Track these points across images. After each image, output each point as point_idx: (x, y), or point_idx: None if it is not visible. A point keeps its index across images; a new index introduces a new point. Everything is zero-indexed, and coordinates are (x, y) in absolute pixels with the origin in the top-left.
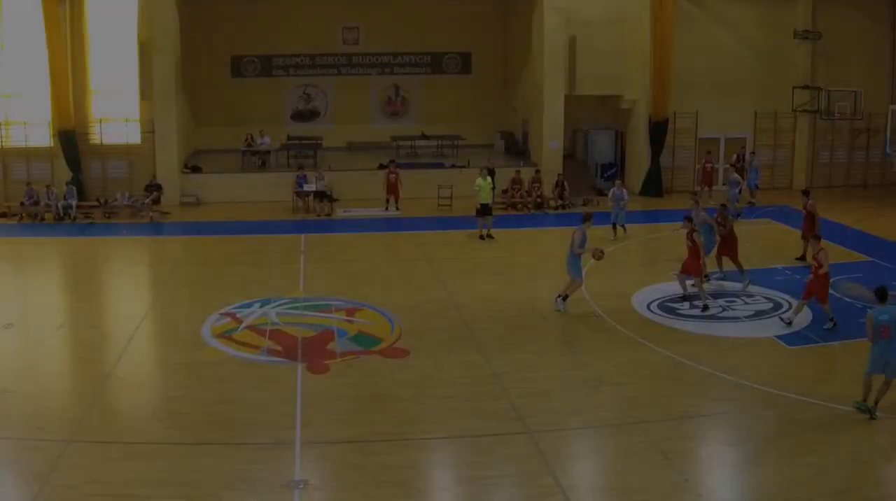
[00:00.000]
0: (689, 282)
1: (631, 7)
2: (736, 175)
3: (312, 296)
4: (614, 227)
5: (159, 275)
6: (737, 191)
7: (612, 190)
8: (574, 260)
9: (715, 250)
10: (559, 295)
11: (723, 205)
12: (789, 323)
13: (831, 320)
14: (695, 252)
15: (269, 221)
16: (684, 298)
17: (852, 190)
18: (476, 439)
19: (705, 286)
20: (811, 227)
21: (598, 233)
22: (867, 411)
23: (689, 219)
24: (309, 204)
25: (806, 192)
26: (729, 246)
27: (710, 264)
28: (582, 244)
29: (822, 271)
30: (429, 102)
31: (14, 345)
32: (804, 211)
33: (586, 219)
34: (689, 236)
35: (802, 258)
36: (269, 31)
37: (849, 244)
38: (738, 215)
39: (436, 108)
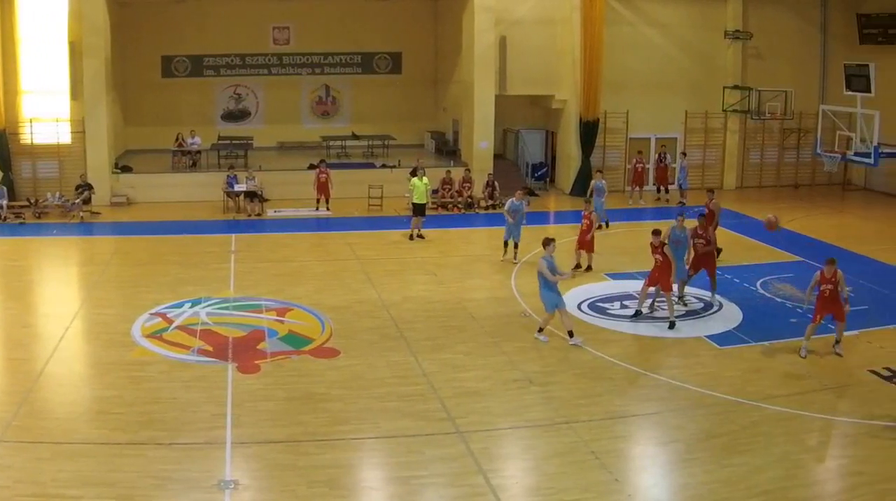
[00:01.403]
0: (648, 300)
1: (561, 7)
2: (686, 162)
3: (243, 296)
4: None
5: (90, 275)
6: (685, 176)
7: (594, 182)
8: (547, 292)
9: (690, 269)
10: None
11: (701, 215)
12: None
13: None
14: (666, 266)
15: (200, 221)
16: (637, 313)
17: (783, 190)
18: (406, 439)
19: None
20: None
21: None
22: None
23: (657, 232)
24: (239, 204)
25: (711, 191)
26: (709, 259)
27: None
28: (553, 271)
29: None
30: (359, 102)
31: None
32: (707, 208)
33: (545, 244)
34: (659, 250)
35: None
36: (199, 31)
37: (780, 244)
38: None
39: (366, 108)
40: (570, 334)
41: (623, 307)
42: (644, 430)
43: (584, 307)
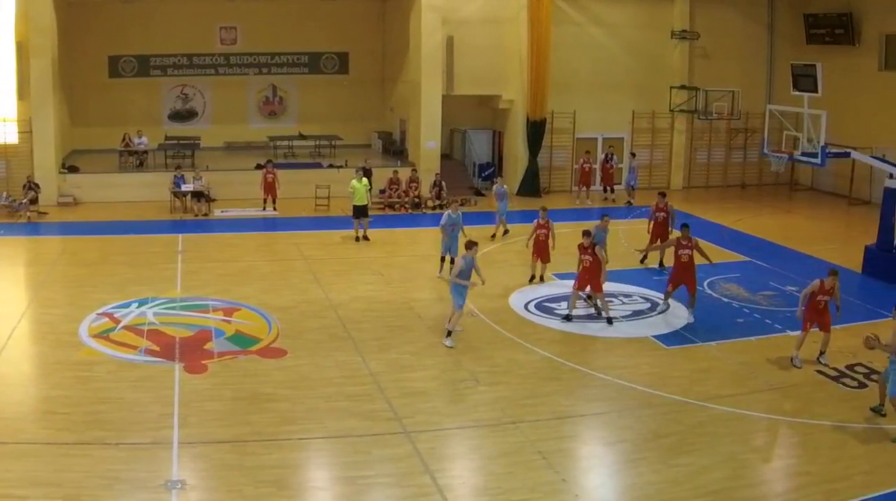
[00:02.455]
0: (580, 302)
1: (508, 7)
2: (636, 162)
3: (190, 296)
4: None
5: (37, 275)
6: (635, 177)
7: (495, 187)
8: (456, 289)
9: (669, 284)
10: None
11: (685, 226)
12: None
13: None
14: (595, 267)
15: (147, 221)
16: (567, 318)
17: (730, 190)
18: (353, 439)
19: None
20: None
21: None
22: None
23: (587, 233)
24: (186, 204)
25: (663, 194)
26: (690, 273)
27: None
28: (461, 275)
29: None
30: (306, 102)
31: None
32: (665, 212)
33: (469, 247)
34: (589, 251)
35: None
36: (146, 32)
37: (727, 244)
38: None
39: (313, 108)
40: (448, 333)
41: (567, 320)
42: (591, 430)
43: (532, 307)
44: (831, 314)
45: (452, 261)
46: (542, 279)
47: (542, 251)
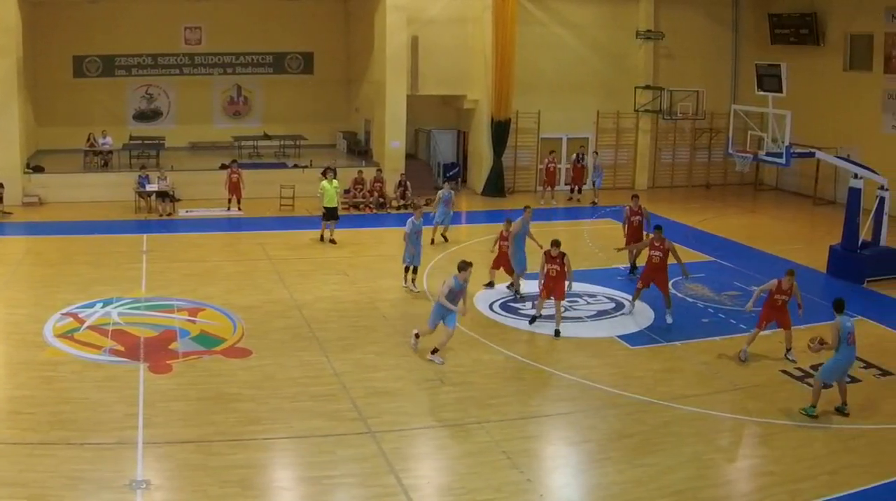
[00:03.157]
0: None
1: (473, 7)
2: (599, 161)
3: (155, 296)
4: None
5: (1, 276)
6: (601, 177)
7: (440, 193)
8: (439, 309)
9: (640, 282)
10: (432, 350)
11: (658, 228)
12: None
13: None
14: (562, 276)
15: (112, 221)
16: (532, 320)
17: (695, 190)
18: (318, 439)
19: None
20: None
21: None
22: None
23: (557, 243)
24: (151, 204)
25: (636, 196)
26: (661, 274)
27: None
28: (449, 297)
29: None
30: (271, 102)
31: None
32: (638, 216)
33: (462, 268)
34: (558, 260)
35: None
36: (111, 31)
37: (692, 244)
38: None
39: (278, 108)
40: (434, 351)
41: (534, 307)
42: (556, 430)
43: (496, 307)
44: (793, 313)
45: (416, 271)
46: (492, 285)
47: (504, 262)
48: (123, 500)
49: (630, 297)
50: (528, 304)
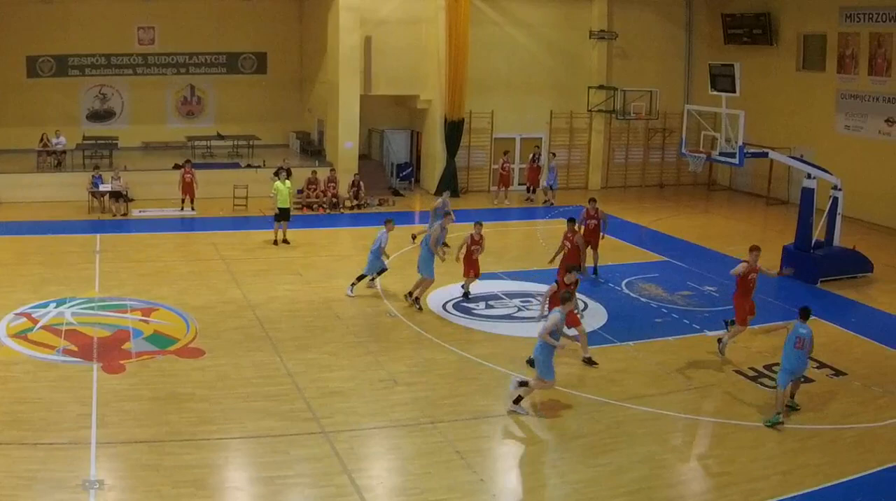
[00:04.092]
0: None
1: (426, 7)
2: (555, 162)
3: (108, 296)
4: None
5: None
6: (555, 177)
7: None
8: (545, 349)
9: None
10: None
11: (591, 199)
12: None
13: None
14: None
15: (65, 221)
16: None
17: (648, 189)
18: (271, 439)
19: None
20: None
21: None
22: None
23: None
24: (105, 204)
25: (593, 199)
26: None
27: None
28: (554, 334)
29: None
30: (224, 102)
31: None
32: (596, 219)
33: (567, 299)
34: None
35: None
36: (64, 31)
37: (645, 244)
38: None
39: (231, 109)
40: (518, 400)
41: (488, 307)
42: (510, 430)
43: (450, 307)
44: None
45: (373, 280)
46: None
47: (475, 266)
48: (77, 500)
49: (584, 299)
50: (482, 304)
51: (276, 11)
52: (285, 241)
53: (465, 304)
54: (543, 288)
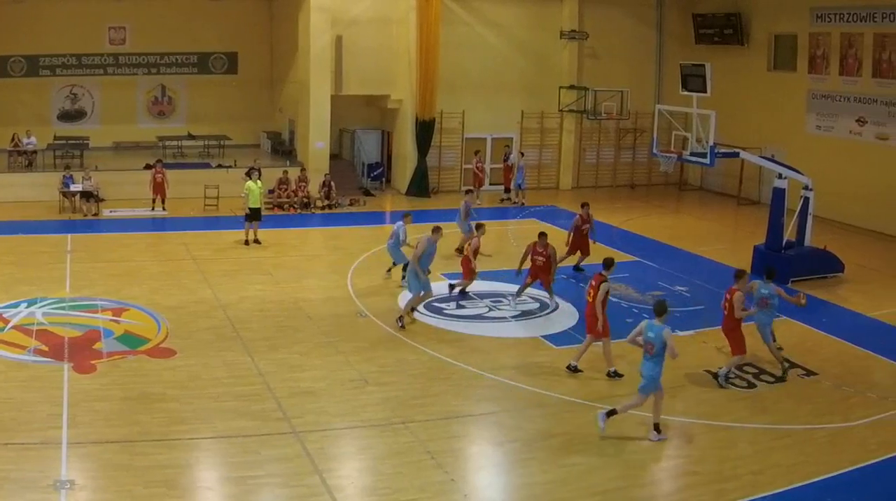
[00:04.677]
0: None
1: (397, 7)
2: (522, 162)
3: (79, 296)
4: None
5: None
6: (523, 176)
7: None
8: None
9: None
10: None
11: (542, 234)
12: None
13: None
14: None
15: (36, 221)
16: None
17: (619, 190)
18: (242, 439)
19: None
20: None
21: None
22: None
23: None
24: (76, 204)
25: (585, 204)
26: (545, 274)
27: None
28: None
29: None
30: (195, 102)
31: None
32: (588, 224)
33: (660, 312)
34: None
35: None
36: (35, 31)
37: (616, 244)
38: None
39: (202, 109)
40: (657, 428)
41: (459, 307)
42: (481, 430)
43: (421, 307)
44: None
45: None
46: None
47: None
48: (48, 500)
49: (557, 297)
50: (453, 304)
51: (247, 11)
52: (256, 241)
53: (436, 304)
54: (516, 288)
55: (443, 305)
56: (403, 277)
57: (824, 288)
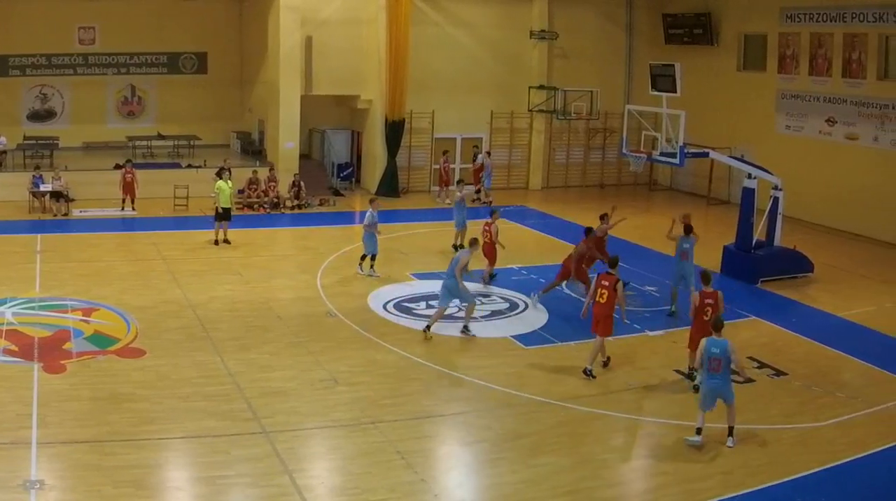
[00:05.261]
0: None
1: (367, 7)
2: (489, 161)
3: (49, 296)
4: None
5: None
6: (488, 174)
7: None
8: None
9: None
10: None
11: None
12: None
13: None
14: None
15: (5, 221)
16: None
17: (589, 190)
18: (212, 439)
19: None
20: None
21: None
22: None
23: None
24: (45, 204)
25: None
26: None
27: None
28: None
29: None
30: (165, 102)
31: None
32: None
33: (717, 328)
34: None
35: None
36: (4, 31)
37: None
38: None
39: (172, 109)
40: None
41: (429, 307)
42: (450, 430)
43: (390, 307)
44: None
45: (374, 258)
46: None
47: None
48: (17, 500)
49: (525, 299)
50: (423, 304)
51: (217, 11)
52: (226, 241)
53: (405, 304)
54: (484, 287)
55: (412, 305)
56: (372, 266)
57: (794, 288)
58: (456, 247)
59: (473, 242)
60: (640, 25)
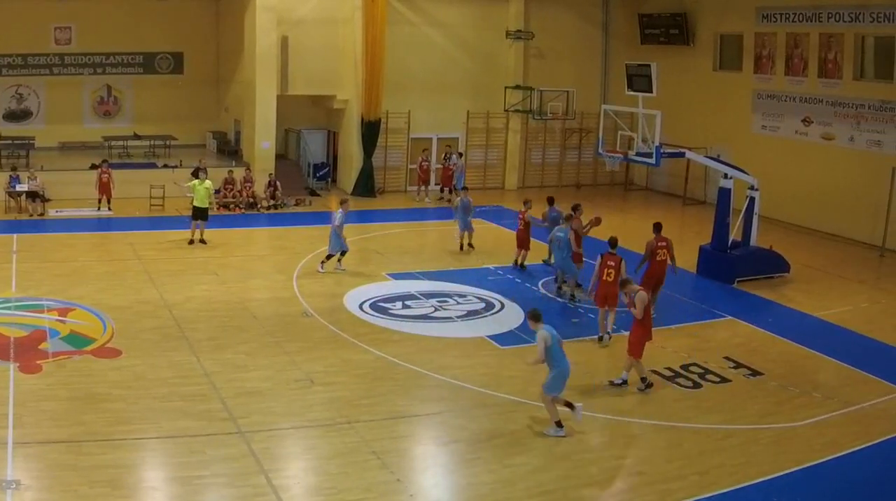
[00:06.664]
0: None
1: (343, 7)
2: (461, 162)
3: (25, 296)
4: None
5: None
6: (462, 177)
7: (460, 200)
8: None
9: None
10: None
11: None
12: None
13: None
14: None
15: None
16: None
17: (565, 190)
18: (188, 439)
19: None
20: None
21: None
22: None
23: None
24: (21, 204)
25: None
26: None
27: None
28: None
29: None
30: (141, 102)
31: None
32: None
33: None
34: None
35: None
36: None
37: None
38: None
39: (148, 108)
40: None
41: (405, 307)
42: (426, 430)
43: (366, 307)
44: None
45: (343, 254)
46: (523, 265)
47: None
48: None
49: (500, 299)
50: (398, 304)
51: (193, 11)
52: (202, 241)
53: (381, 304)
54: (461, 287)
55: (388, 305)
56: (339, 260)
57: (770, 288)
58: (462, 248)
59: (568, 218)
60: (616, 25)
